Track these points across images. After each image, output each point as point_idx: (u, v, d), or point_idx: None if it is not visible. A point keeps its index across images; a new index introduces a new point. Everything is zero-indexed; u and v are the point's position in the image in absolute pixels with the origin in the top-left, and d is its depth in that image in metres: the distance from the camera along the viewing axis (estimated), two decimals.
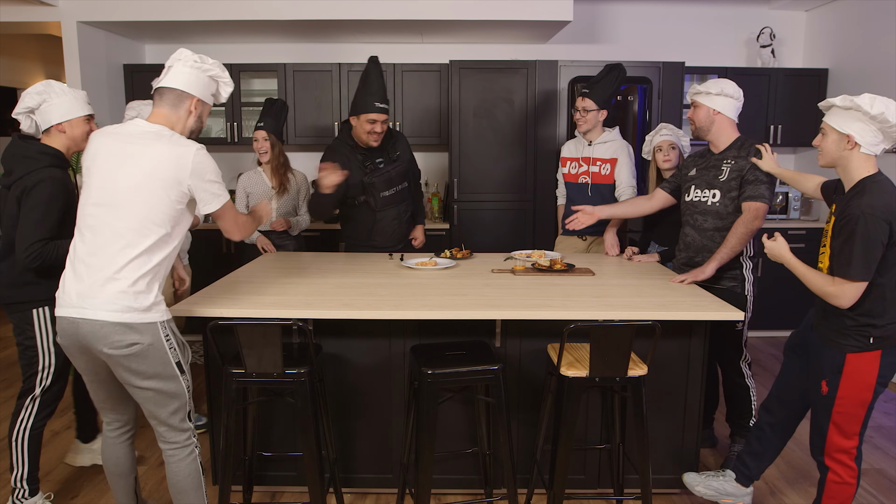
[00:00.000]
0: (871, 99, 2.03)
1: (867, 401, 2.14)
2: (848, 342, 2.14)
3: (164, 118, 2.11)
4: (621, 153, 3.56)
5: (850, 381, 2.14)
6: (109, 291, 1.95)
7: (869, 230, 2.00)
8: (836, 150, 2.13)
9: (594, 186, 3.61)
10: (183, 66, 2.11)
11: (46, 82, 2.49)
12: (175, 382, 2.10)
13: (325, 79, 4.98)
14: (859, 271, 2.03)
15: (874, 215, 2.00)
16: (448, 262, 3.15)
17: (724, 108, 2.82)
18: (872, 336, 2.11)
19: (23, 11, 4.49)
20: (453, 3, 4.37)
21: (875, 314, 2.10)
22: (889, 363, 2.13)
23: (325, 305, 2.40)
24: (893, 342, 2.12)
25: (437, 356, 2.38)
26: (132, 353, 1.98)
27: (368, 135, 3.30)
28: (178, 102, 2.11)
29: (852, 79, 4.81)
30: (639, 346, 2.39)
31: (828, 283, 2.12)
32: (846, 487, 2.23)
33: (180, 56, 2.12)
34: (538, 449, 2.56)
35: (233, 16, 4.40)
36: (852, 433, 2.19)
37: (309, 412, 2.26)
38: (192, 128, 2.17)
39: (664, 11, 5.30)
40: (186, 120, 2.14)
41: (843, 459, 2.22)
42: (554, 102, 4.74)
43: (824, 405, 2.21)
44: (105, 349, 1.97)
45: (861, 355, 2.12)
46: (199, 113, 2.17)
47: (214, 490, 2.81)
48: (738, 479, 2.62)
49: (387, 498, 2.79)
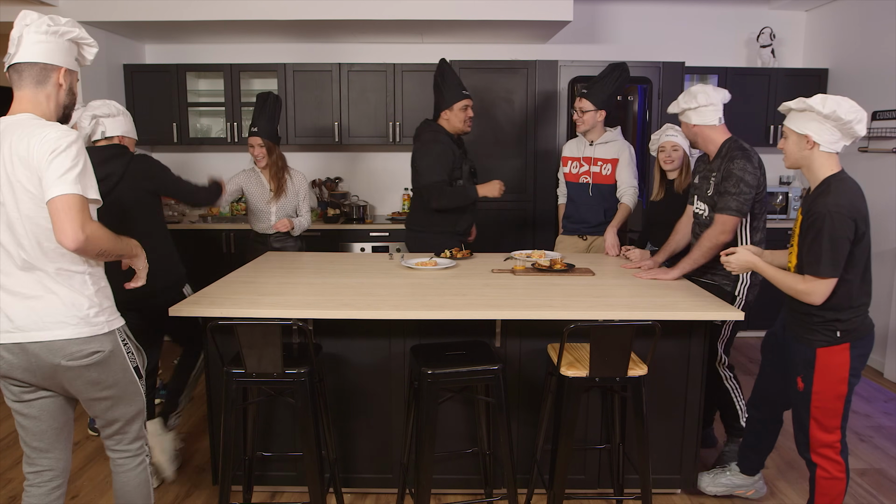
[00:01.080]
0: (822, 98, 2.09)
1: (843, 394, 2.19)
2: (816, 337, 2.20)
3: (30, 100, 1.82)
4: (622, 153, 3.57)
5: (823, 376, 2.19)
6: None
7: (836, 227, 2.05)
8: (797, 151, 2.19)
9: (595, 186, 3.61)
10: (36, 34, 1.80)
11: (112, 102, 2.88)
12: (134, 387, 2.00)
13: (325, 79, 4.98)
14: (828, 268, 2.08)
15: (840, 213, 2.05)
16: (448, 262, 3.15)
17: (701, 119, 2.75)
18: (839, 330, 2.17)
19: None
20: (453, 3, 4.37)
21: (839, 308, 2.16)
22: (858, 355, 2.19)
23: (325, 305, 2.40)
24: (860, 334, 2.18)
25: (437, 356, 2.38)
26: (92, 363, 1.87)
27: (465, 121, 3.51)
28: (42, 78, 1.82)
29: (852, 79, 4.81)
30: (639, 346, 2.39)
31: (798, 281, 2.17)
32: (836, 482, 2.27)
33: (27, 20, 1.80)
34: (538, 449, 2.56)
35: (233, 16, 4.40)
36: (833, 427, 2.24)
37: (309, 412, 2.26)
38: (66, 102, 1.90)
39: (664, 11, 5.30)
40: (57, 95, 1.86)
41: (828, 454, 2.26)
42: (554, 102, 4.74)
43: (802, 401, 2.27)
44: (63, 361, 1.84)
45: (830, 349, 2.18)
46: (69, 84, 1.89)
47: (214, 490, 2.82)
48: (743, 470, 2.69)
49: (387, 498, 2.79)
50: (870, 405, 3.84)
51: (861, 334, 2.19)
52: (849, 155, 4.80)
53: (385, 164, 5.50)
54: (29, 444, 1.98)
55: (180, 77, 4.97)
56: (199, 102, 5.15)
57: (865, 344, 2.21)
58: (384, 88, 4.99)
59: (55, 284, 1.82)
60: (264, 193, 3.77)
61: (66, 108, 1.91)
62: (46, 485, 2.01)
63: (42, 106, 1.84)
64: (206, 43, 5.31)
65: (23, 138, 1.74)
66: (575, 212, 3.72)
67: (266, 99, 3.73)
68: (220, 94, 5.06)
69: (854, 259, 2.12)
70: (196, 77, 5.22)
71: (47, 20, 1.81)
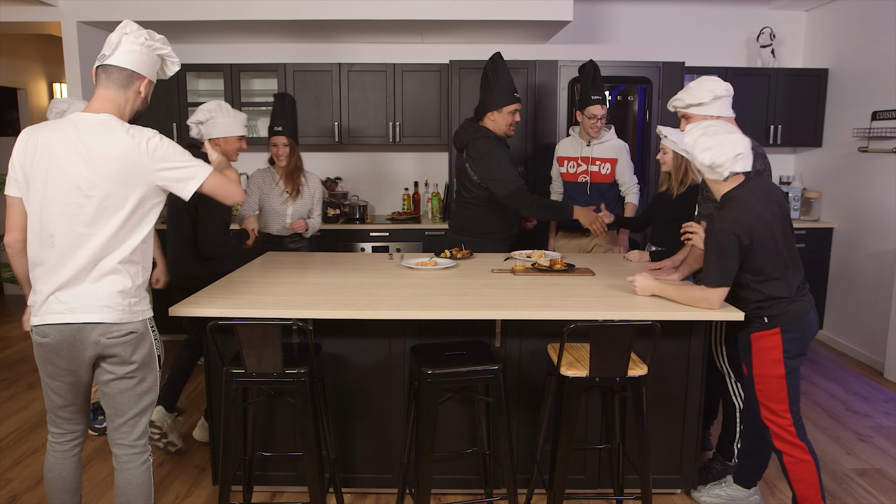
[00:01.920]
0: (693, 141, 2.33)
1: (781, 374, 2.36)
2: (750, 325, 2.41)
3: (112, 101, 1.98)
4: (621, 153, 3.58)
5: (759, 358, 2.39)
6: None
7: (720, 243, 2.28)
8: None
9: (594, 185, 3.62)
10: (133, 44, 1.98)
11: (218, 102, 3.09)
12: (154, 376, 2.10)
13: (325, 79, 4.98)
14: (716, 279, 2.30)
15: (724, 230, 2.27)
16: (448, 262, 3.15)
17: (721, 110, 2.65)
18: (766, 316, 2.37)
19: (23, 11, 4.49)
20: (453, 3, 4.38)
21: (762, 300, 2.37)
22: (792, 339, 2.36)
23: (325, 305, 2.40)
24: (788, 319, 2.35)
25: (438, 356, 2.38)
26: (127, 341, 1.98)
27: (510, 126, 3.39)
28: (127, 84, 2.00)
29: (852, 79, 4.81)
30: (639, 346, 2.39)
31: (696, 290, 2.39)
32: (805, 465, 2.38)
33: (127, 29, 1.99)
34: (538, 449, 2.56)
35: (233, 16, 4.40)
36: (781, 410, 2.38)
37: (309, 412, 2.26)
38: (139, 109, 2.07)
39: (664, 11, 5.30)
40: (134, 102, 2.03)
41: (786, 437, 2.39)
42: (554, 102, 4.74)
43: (749, 386, 2.46)
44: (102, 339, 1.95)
45: (762, 334, 2.38)
46: (146, 94, 2.07)
47: (214, 490, 2.82)
48: (738, 481, 2.66)
49: (386, 498, 2.79)
50: (870, 405, 3.84)
51: (789, 319, 2.35)
52: (849, 155, 4.81)
53: (385, 164, 5.50)
54: (56, 406, 2.09)
55: (180, 77, 4.97)
56: (199, 102, 5.13)
57: (797, 329, 2.37)
58: (384, 88, 4.99)
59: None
60: (279, 193, 3.70)
61: (139, 113, 2.07)
62: (67, 444, 2.15)
63: (121, 108, 1.99)
64: (206, 43, 5.31)
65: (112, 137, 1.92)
66: None
67: (284, 98, 3.70)
68: (221, 94, 5.06)
69: (753, 266, 2.33)
70: (196, 77, 5.22)
71: (145, 34, 2.00)
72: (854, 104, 4.75)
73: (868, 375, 4.34)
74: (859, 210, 4.70)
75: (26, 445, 3.28)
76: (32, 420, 3.59)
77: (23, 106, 6.49)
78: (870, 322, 4.55)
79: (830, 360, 4.65)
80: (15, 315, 5.89)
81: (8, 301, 6.44)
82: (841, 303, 4.91)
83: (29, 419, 3.60)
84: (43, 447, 3.24)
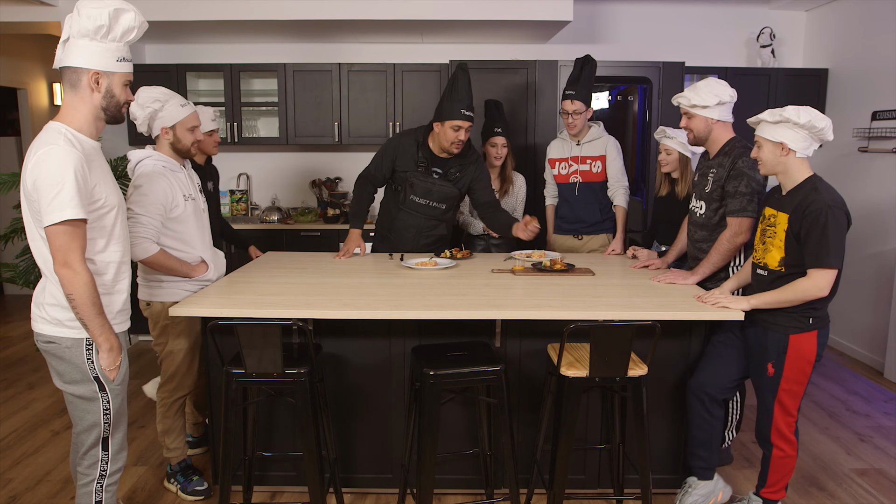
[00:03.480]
0: (796, 110, 2.27)
1: (807, 377, 2.37)
2: (791, 325, 2.34)
3: (64, 107, 1.81)
4: (609, 149, 3.58)
5: (793, 360, 2.35)
6: None
7: (837, 221, 2.22)
8: (773, 158, 2.36)
9: (585, 185, 3.63)
10: (73, 38, 1.79)
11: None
12: (90, 391, 1.95)
13: (325, 79, 4.98)
14: (835, 259, 2.23)
15: (838, 208, 2.23)
16: (448, 262, 3.15)
17: (721, 115, 2.70)
18: (812, 317, 2.33)
19: (23, 11, 4.49)
20: (453, 3, 4.38)
21: (816, 304, 2.31)
22: (822, 341, 2.36)
23: (325, 305, 2.40)
24: (826, 321, 2.37)
25: (439, 357, 2.38)
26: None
27: (451, 143, 3.18)
28: (76, 82, 1.81)
29: (852, 79, 4.81)
30: (639, 346, 2.39)
31: (801, 282, 2.27)
32: (789, 460, 2.43)
33: (69, 18, 1.80)
34: (538, 449, 2.56)
35: (233, 16, 4.40)
36: (793, 408, 2.40)
37: (309, 412, 2.26)
38: (104, 105, 1.84)
39: (664, 11, 5.30)
40: (92, 100, 1.81)
41: (786, 434, 2.41)
42: (554, 102, 4.74)
43: (770, 387, 2.40)
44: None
45: (801, 335, 2.33)
46: (107, 86, 1.82)
47: (214, 490, 2.82)
48: (698, 475, 2.62)
49: (387, 498, 2.79)
50: (870, 405, 3.84)
51: (826, 322, 2.37)
52: (849, 155, 4.80)
53: None
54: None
55: (180, 77, 4.97)
56: (200, 102, 5.14)
57: (828, 331, 2.39)
58: (384, 88, 4.99)
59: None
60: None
61: (107, 111, 1.91)
62: None
63: (73, 112, 1.85)
64: (206, 43, 5.31)
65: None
66: (570, 212, 3.72)
67: (499, 106, 3.80)
68: (221, 94, 5.06)
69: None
70: (196, 77, 5.22)
71: (84, 18, 1.82)
72: (854, 104, 4.75)
73: (868, 375, 4.34)
74: (859, 210, 4.70)
75: (26, 445, 3.28)
76: (32, 420, 3.59)
77: (23, 106, 6.49)
78: (870, 322, 4.55)
79: (830, 360, 4.65)
80: (15, 315, 5.88)
81: (8, 301, 6.44)
82: (841, 303, 4.91)
83: (29, 419, 3.60)
84: (43, 447, 3.25)
